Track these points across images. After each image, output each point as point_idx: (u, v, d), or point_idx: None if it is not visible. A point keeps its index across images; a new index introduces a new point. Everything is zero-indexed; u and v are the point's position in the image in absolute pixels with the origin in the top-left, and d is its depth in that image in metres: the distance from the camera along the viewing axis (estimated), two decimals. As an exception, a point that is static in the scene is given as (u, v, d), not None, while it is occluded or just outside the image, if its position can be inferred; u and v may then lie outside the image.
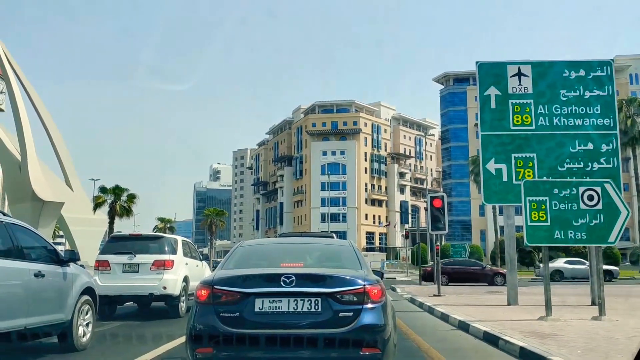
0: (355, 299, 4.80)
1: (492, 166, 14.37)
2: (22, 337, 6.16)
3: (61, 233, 55.30)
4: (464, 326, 9.97)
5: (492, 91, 14.63)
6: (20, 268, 6.18)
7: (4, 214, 6.81)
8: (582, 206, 10.71)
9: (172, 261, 11.73)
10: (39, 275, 6.40)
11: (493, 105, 14.58)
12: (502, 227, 26.17)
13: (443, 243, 54.57)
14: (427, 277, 29.69)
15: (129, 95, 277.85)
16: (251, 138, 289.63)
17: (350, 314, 4.73)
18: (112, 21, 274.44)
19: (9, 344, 6.12)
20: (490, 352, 7.71)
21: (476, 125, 19.85)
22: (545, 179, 13.04)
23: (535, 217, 10.77)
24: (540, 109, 14.39)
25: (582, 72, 14.52)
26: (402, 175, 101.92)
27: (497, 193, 14.34)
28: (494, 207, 52.60)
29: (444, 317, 11.65)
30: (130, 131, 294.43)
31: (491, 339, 8.33)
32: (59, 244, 56.76)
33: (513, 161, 14.24)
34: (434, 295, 17.46)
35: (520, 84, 14.56)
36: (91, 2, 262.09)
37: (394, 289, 22.25)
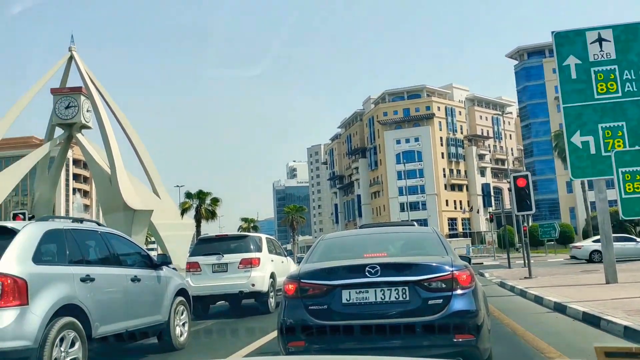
0: (443, 285, 4.71)
1: (577, 139, 13.63)
2: (123, 339, 6.48)
3: (153, 239, 58.13)
4: (560, 308, 9.55)
5: (572, 60, 13.85)
6: (118, 274, 6.51)
7: (99, 224, 7.21)
8: (683, 173, 9.97)
9: (259, 259, 12.00)
10: (135, 279, 6.72)
11: (574, 76, 13.82)
12: (593, 203, 24.75)
13: (530, 224, 52.57)
14: None
15: (197, 98, 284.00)
16: (324, 133, 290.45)
17: (440, 301, 4.65)
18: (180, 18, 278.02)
19: (112, 346, 6.46)
20: (591, 333, 7.34)
21: (556, 98, 18.76)
22: (638, 147, 12.22)
23: (630, 189, 10.16)
24: (627, 75, 13.48)
25: (671, 30, 13.46)
26: (481, 157, 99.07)
27: (585, 167, 13.59)
28: (582, 182, 50.11)
29: (538, 300, 11.21)
30: (204, 135, 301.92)
31: (591, 320, 7.93)
32: (152, 249, 59.70)
33: (600, 132, 13.43)
34: (525, 277, 16.85)
35: (601, 50, 13.70)
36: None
37: (482, 274, 21.70)
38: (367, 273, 4.76)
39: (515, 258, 29.70)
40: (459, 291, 4.71)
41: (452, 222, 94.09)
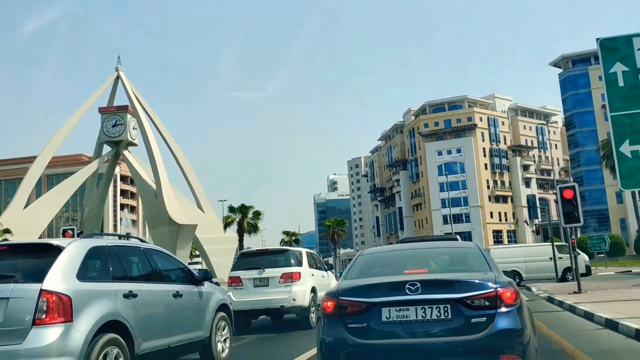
0: (487, 303, 4.59)
1: (627, 149, 13.12)
2: (165, 355, 6.48)
3: (197, 252, 58.98)
4: (612, 324, 9.16)
5: (619, 67, 13.38)
6: (160, 290, 6.55)
7: (142, 240, 7.33)
8: None
9: (299, 273, 11.99)
10: (177, 295, 6.75)
11: (621, 83, 13.34)
12: (645, 214, 23.68)
13: (579, 236, 50.97)
14: None
15: (227, 111, 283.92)
16: (364, 146, 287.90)
17: (484, 319, 4.52)
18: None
19: None
20: (646, 352, 7.00)
21: (603, 106, 18.03)
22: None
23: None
24: (678, 81, 12.93)
25: None
26: (525, 167, 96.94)
27: (636, 177, 13.07)
28: (633, 192, 48.34)
29: (588, 316, 10.79)
30: (246, 149, 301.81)
31: (646, 338, 7.56)
32: (197, 262, 60.58)
33: (651, 141, 12.89)
34: (574, 292, 16.29)
35: (650, 56, 13.19)
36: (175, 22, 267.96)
37: (529, 288, 21.11)
38: (407, 290, 4.67)
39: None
40: (503, 309, 4.57)
41: (497, 234, 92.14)
